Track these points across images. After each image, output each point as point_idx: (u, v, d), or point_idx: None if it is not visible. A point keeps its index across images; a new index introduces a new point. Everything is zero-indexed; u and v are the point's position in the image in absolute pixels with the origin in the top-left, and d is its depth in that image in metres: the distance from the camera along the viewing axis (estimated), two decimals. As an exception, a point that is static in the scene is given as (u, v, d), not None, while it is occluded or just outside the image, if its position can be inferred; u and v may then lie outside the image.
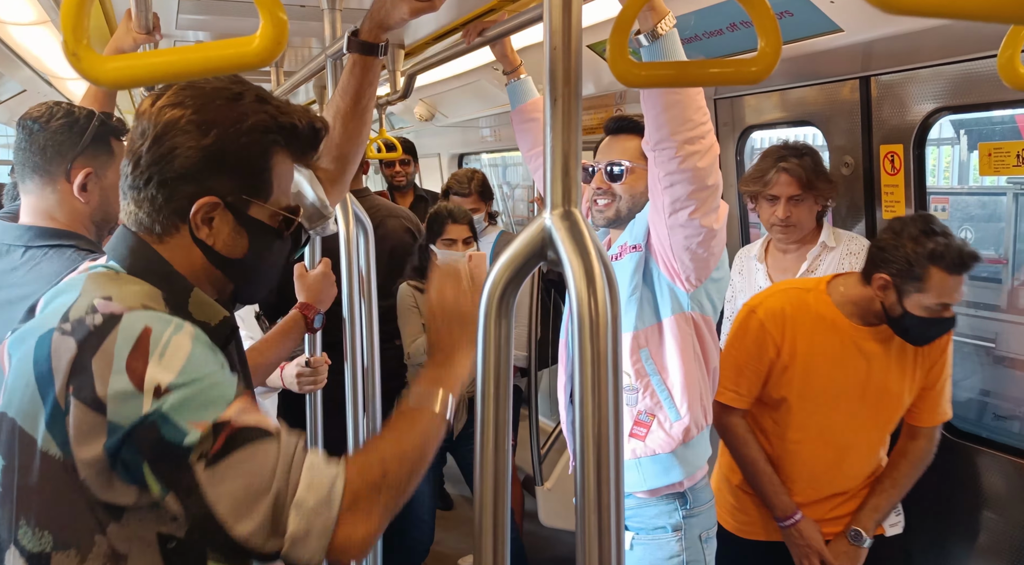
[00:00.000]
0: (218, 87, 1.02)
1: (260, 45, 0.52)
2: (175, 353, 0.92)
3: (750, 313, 2.02)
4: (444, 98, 4.02)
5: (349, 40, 1.39)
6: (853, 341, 1.97)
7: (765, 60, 0.61)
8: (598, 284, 0.75)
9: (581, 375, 0.75)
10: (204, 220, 1.03)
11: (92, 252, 1.60)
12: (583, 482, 0.75)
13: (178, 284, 1.04)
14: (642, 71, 0.63)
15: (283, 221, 1.09)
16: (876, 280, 1.88)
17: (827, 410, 2.01)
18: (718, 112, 2.91)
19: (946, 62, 2.03)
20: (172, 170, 1.00)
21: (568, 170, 0.78)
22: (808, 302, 1.99)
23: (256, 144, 1.02)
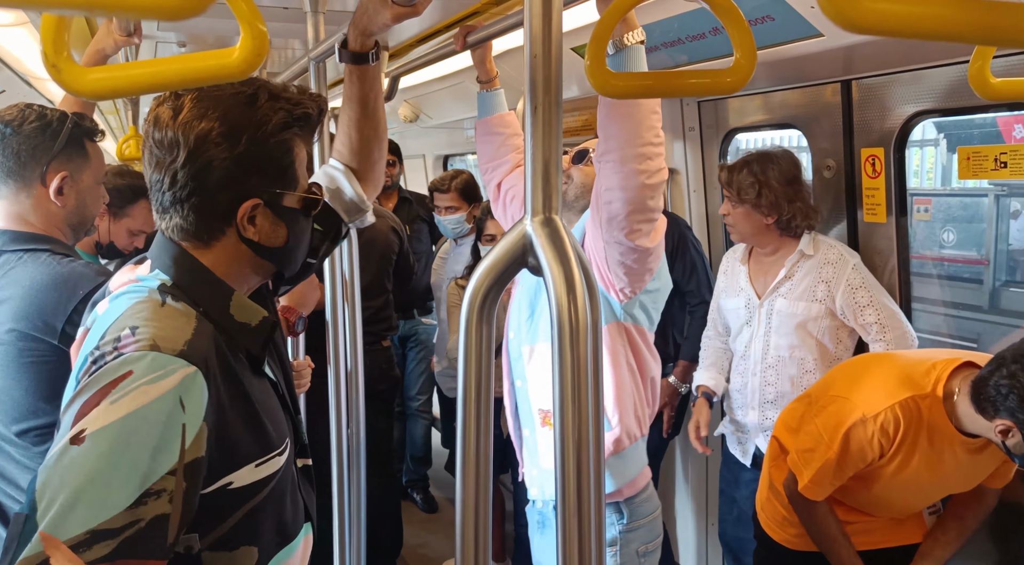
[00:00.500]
0: (234, 93, 1.07)
1: (240, 57, 0.52)
2: (126, 404, 0.93)
3: (863, 424, 1.86)
4: (429, 99, 4.02)
5: (340, 52, 1.41)
6: (952, 447, 1.87)
7: (740, 71, 0.61)
8: (578, 291, 0.76)
9: (561, 382, 0.75)
10: (249, 220, 1.09)
11: (67, 256, 1.60)
12: (564, 491, 0.75)
13: (220, 291, 1.11)
14: (619, 81, 0.64)
15: (311, 202, 1.16)
16: (996, 424, 1.73)
17: (899, 495, 1.97)
18: (702, 115, 2.93)
19: (927, 66, 2.05)
20: (212, 181, 1.06)
21: (548, 177, 0.78)
22: (922, 412, 1.85)
23: (282, 142, 1.09)
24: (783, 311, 2.36)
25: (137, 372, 0.95)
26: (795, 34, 1.85)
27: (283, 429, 1.17)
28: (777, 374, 2.40)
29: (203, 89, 1.07)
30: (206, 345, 1.03)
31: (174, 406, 0.95)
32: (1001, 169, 1.94)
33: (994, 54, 0.76)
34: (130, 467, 0.91)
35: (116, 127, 6.80)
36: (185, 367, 0.98)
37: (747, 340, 2.47)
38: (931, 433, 1.85)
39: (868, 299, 2.25)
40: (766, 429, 2.44)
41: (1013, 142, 6.05)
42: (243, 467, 1.07)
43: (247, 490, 1.08)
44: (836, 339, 2.33)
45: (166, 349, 0.98)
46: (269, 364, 1.20)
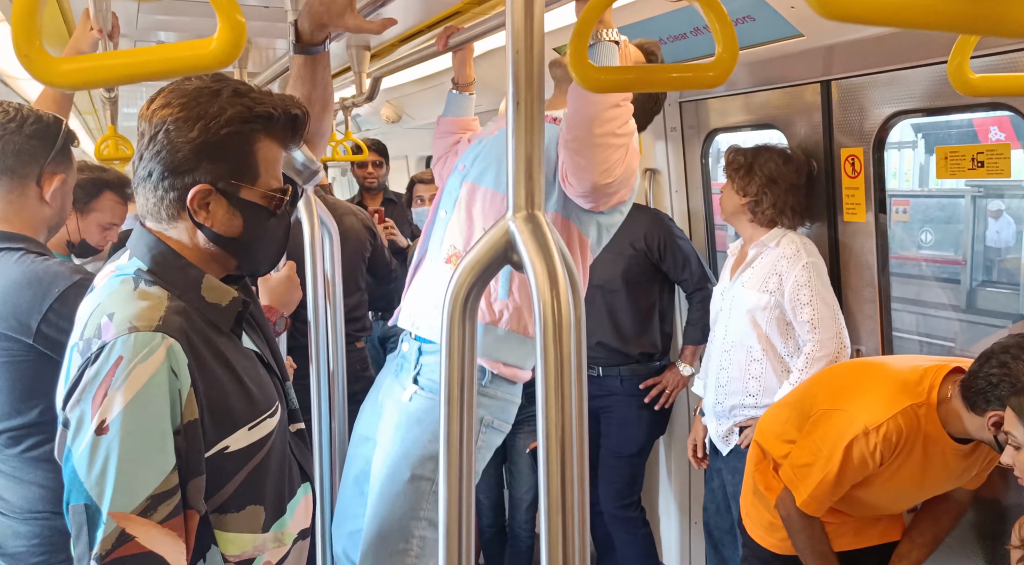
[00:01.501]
0: (200, 86, 1.15)
1: (218, 47, 0.51)
2: (130, 385, 1.06)
3: (866, 436, 1.84)
4: (411, 100, 4.00)
5: (293, 46, 1.46)
6: (944, 454, 1.88)
7: (722, 65, 0.61)
8: (561, 287, 0.76)
9: (545, 378, 0.75)
10: (201, 205, 1.16)
11: (42, 254, 1.59)
12: (548, 487, 0.75)
13: (191, 274, 1.19)
14: (602, 75, 0.64)
15: (274, 200, 1.21)
16: (989, 417, 1.72)
17: (886, 498, 1.98)
18: (683, 115, 2.94)
19: (906, 67, 2.07)
20: (167, 164, 1.14)
21: (531, 173, 0.78)
22: (919, 420, 1.85)
23: (237, 134, 1.14)
24: (739, 298, 2.41)
25: (126, 355, 1.07)
26: (776, 34, 1.86)
27: (271, 394, 1.27)
28: (729, 359, 2.44)
29: (178, 85, 1.16)
30: (180, 320, 1.13)
31: (169, 375, 1.08)
32: (978, 168, 1.96)
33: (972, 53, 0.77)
34: (158, 436, 1.07)
35: (94, 128, 6.73)
36: (165, 339, 1.09)
37: (715, 324, 2.53)
38: (926, 442, 1.86)
39: (808, 298, 2.27)
40: (718, 415, 2.48)
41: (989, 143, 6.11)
42: (237, 431, 1.18)
43: (244, 452, 1.19)
44: (783, 333, 2.34)
45: (144, 327, 1.09)
46: (251, 338, 1.29)
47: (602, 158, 1.51)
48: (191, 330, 1.14)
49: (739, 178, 2.41)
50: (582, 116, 1.51)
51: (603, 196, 1.61)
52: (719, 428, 2.50)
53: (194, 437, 1.11)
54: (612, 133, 1.51)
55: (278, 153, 1.22)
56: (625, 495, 2.85)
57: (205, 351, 1.15)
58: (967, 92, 0.72)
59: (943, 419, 1.84)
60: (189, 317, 1.15)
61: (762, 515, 2.14)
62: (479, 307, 1.74)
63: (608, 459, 2.86)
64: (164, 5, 2.10)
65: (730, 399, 2.44)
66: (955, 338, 6.69)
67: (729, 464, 2.48)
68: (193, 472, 1.12)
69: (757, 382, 2.38)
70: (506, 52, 0.76)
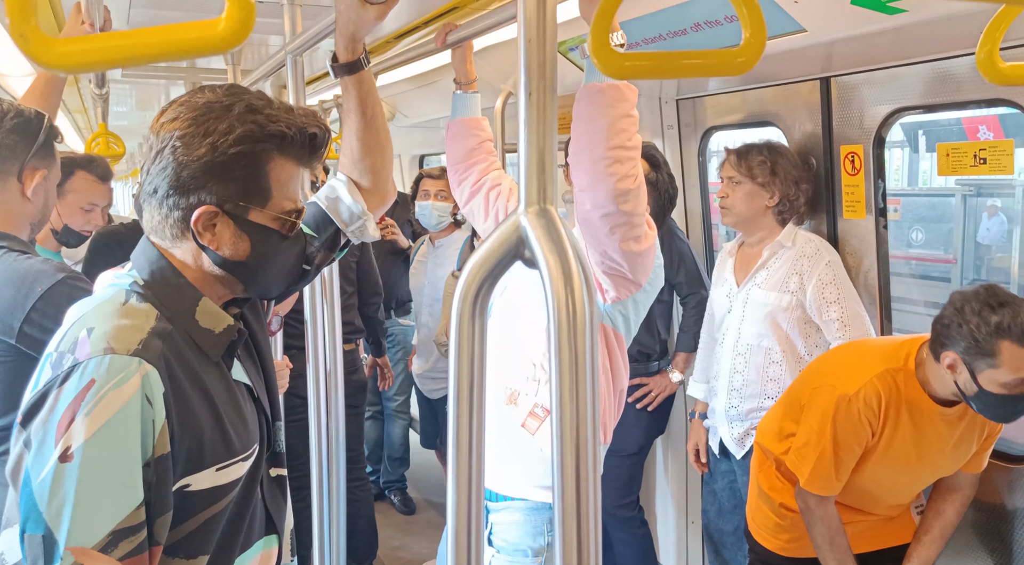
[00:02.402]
0: (211, 100, 1.09)
1: (226, 28, 0.48)
2: (101, 412, 0.98)
3: (847, 402, 1.88)
4: (404, 98, 3.98)
5: (333, 68, 1.41)
6: (933, 422, 1.90)
7: (750, 50, 0.59)
8: (576, 284, 0.73)
9: (560, 377, 0.73)
10: (206, 227, 1.10)
11: (24, 253, 1.56)
12: (562, 489, 0.73)
13: (188, 295, 1.12)
14: (625, 61, 0.61)
15: (287, 223, 1.15)
16: (944, 358, 1.79)
17: (890, 481, 1.97)
18: (680, 113, 2.92)
19: (906, 63, 2.06)
20: (173, 181, 1.07)
21: (544, 166, 0.76)
22: (899, 384, 1.89)
23: (246, 153, 1.08)
24: (756, 300, 2.38)
25: (99, 379, 1.00)
26: (778, 29, 1.84)
27: (250, 435, 1.17)
28: (745, 362, 2.41)
29: (191, 97, 1.10)
30: (161, 345, 1.06)
31: (143, 404, 1.01)
32: (980, 165, 1.95)
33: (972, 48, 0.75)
34: (126, 468, 0.99)
35: (84, 126, 6.68)
36: (142, 365, 1.02)
37: (725, 328, 2.49)
38: (910, 408, 1.88)
39: (835, 296, 2.26)
40: (731, 418, 2.45)
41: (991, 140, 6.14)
42: (203, 470, 1.09)
43: (206, 495, 1.10)
44: (804, 333, 2.34)
45: (121, 350, 1.02)
46: (245, 368, 1.21)
47: (614, 170, 1.47)
48: (173, 356, 1.06)
49: (763, 176, 2.37)
50: (592, 127, 1.46)
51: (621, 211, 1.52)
52: (733, 432, 2.46)
53: (164, 471, 1.03)
54: (622, 145, 1.47)
55: (293, 172, 1.15)
56: (624, 494, 2.83)
57: (185, 380, 1.07)
58: (998, 81, 0.70)
59: (923, 383, 1.88)
60: (173, 342, 1.08)
61: (768, 517, 2.12)
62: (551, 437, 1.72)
63: (607, 458, 2.83)
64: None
65: (746, 403, 2.41)
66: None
67: (744, 465, 2.45)
68: (161, 508, 1.04)
69: (776, 384, 2.35)
70: (509, 45, 0.73)
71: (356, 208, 1.42)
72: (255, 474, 1.19)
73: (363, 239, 1.46)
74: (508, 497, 1.74)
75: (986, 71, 0.69)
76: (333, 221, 1.40)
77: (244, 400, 1.18)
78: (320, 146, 1.16)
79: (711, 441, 2.60)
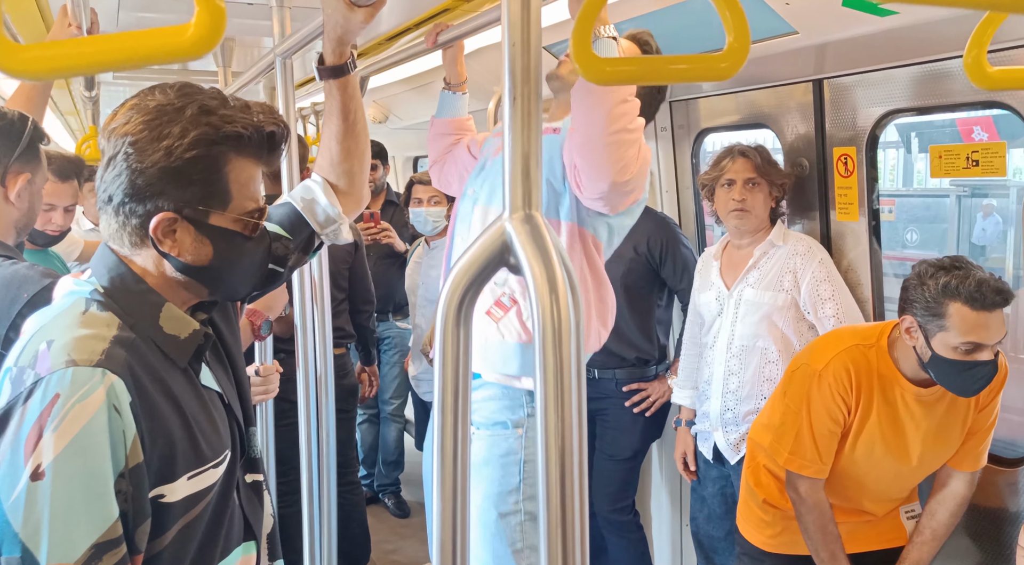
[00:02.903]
0: (162, 103, 1.05)
1: (196, 34, 0.47)
2: (69, 426, 0.96)
3: (817, 377, 1.90)
4: (398, 100, 3.97)
5: (319, 70, 1.40)
6: (906, 401, 1.90)
7: (734, 56, 0.58)
8: (561, 291, 0.72)
9: (544, 385, 0.72)
10: (165, 234, 1.06)
11: (9, 258, 1.54)
12: (548, 498, 0.72)
13: (150, 301, 1.09)
14: (608, 67, 0.60)
15: (249, 224, 1.12)
16: (902, 323, 1.82)
17: (869, 465, 1.96)
18: (673, 115, 2.92)
19: (898, 65, 2.05)
20: (125, 191, 1.05)
21: (529, 172, 0.75)
22: (870, 360, 1.90)
23: (203, 157, 1.05)
24: (750, 300, 2.37)
25: (63, 393, 0.97)
26: (770, 32, 1.84)
27: (221, 441, 1.15)
28: (740, 363, 2.39)
29: (141, 99, 1.06)
30: (125, 354, 1.03)
31: (111, 414, 0.98)
32: (973, 167, 1.95)
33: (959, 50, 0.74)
34: (100, 481, 0.97)
35: (76, 129, 6.65)
36: (107, 376, 0.99)
37: (716, 331, 2.47)
38: (883, 384, 1.90)
39: (830, 293, 2.27)
40: (726, 422, 2.44)
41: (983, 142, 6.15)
42: (176, 479, 1.07)
43: (181, 505, 1.08)
44: (798, 332, 2.34)
45: (83, 361, 0.99)
46: (215, 374, 1.19)
47: (618, 156, 1.48)
48: (138, 364, 1.04)
49: (779, 177, 2.38)
50: (592, 116, 1.47)
51: (620, 195, 1.57)
52: (728, 437, 2.44)
53: (140, 481, 1.01)
54: (624, 129, 1.48)
55: (253, 172, 1.12)
56: (619, 499, 2.82)
57: (152, 388, 1.05)
58: (985, 86, 0.69)
59: (896, 361, 1.90)
60: (137, 350, 1.05)
61: (753, 512, 2.13)
62: (514, 328, 1.70)
63: (602, 462, 2.83)
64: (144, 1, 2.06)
65: (743, 405, 2.39)
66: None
67: (738, 470, 2.43)
68: (140, 517, 1.02)
69: (772, 384, 2.34)
70: (501, 46, 0.72)
71: (332, 211, 1.40)
72: (229, 480, 1.17)
73: (336, 242, 1.45)
74: (478, 375, 1.74)
75: (974, 76, 0.69)
76: (308, 223, 1.39)
77: (214, 406, 1.16)
78: (279, 144, 1.13)
79: (702, 447, 2.57)
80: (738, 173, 2.37)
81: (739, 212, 2.37)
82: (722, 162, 2.42)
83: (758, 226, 2.40)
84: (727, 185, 2.39)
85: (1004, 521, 2.07)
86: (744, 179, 2.36)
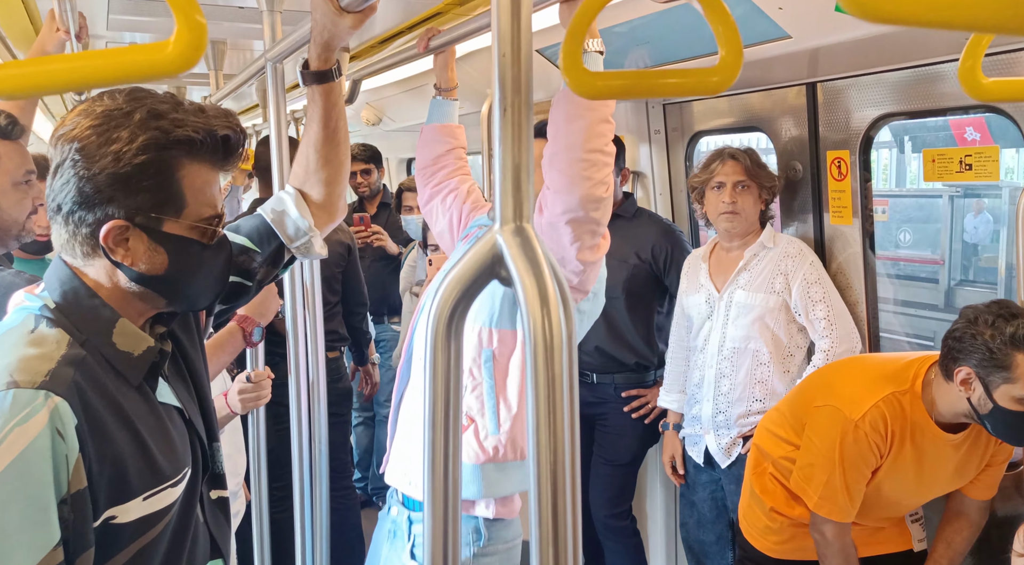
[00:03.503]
0: (109, 109, 1.02)
1: (175, 51, 0.46)
2: (7, 450, 0.92)
3: (853, 427, 1.82)
4: (391, 102, 3.95)
5: (303, 74, 1.37)
6: (936, 446, 1.85)
7: (726, 70, 0.58)
8: (552, 304, 0.71)
9: (536, 400, 0.71)
10: (117, 242, 1.03)
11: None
12: (539, 515, 0.71)
13: (103, 317, 1.06)
14: (599, 81, 0.60)
15: (207, 231, 1.09)
16: (957, 374, 1.72)
17: (890, 497, 1.94)
18: (667, 118, 2.91)
19: (892, 69, 2.05)
20: (74, 199, 1.01)
21: (519, 183, 0.74)
22: (904, 407, 1.83)
23: (153, 163, 1.02)
24: (741, 302, 2.37)
25: (2, 416, 0.94)
26: (763, 36, 1.83)
27: (179, 459, 1.12)
28: (732, 365, 2.39)
29: (89, 105, 1.03)
30: (72, 373, 0.99)
31: (54, 438, 0.95)
32: (966, 171, 1.95)
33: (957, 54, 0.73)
34: (38, 507, 0.93)
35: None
36: (50, 398, 0.96)
37: (706, 334, 2.46)
38: (914, 431, 1.84)
39: (821, 295, 2.28)
40: (718, 425, 2.43)
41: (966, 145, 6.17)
42: (130, 500, 1.03)
43: (135, 526, 1.04)
44: (788, 334, 2.34)
45: (25, 383, 0.96)
46: (174, 389, 1.16)
47: (591, 172, 1.44)
48: (87, 384, 1.00)
49: (769, 180, 2.38)
50: (572, 128, 1.44)
51: (589, 217, 1.49)
52: (720, 440, 2.43)
53: (82, 507, 0.97)
54: (600, 149, 1.45)
55: (210, 177, 1.09)
56: (616, 504, 2.81)
57: (102, 408, 1.01)
58: (979, 97, 0.69)
59: (928, 405, 1.83)
60: (87, 368, 1.01)
61: (758, 517, 2.12)
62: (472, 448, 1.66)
63: (600, 467, 2.82)
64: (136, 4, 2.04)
65: (735, 407, 2.39)
66: (933, 337, 6.74)
67: (730, 474, 2.43)
68: (82, 545, 0.98)
69: (764, 386, 2.35)
70: (491, 55, 0.72)
71: (303, 223, 1.37)
72: (191, 499, 1.14)
73: (308, 257, 1.41)
74: (417, 505, 1.68)
75: (968, 86, 0.68)
76: (278, 235, 1.35)
77: (172, 423, 1.13)
78: (235, 148, 1.10)
79: (691, 451, 2.56)
80: (728, 176, 2.38)
81: (730, 215, 2.38)
82: (712, 165, 2.41)
83: (748, 228, 2.40)
84: (717, 188, 2.40)
85: (1000, 526, 2.07)
86: (734, 181, 2.37)
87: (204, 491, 1.19)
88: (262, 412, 2.10)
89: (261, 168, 2.87)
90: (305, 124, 1.42)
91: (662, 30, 2.02)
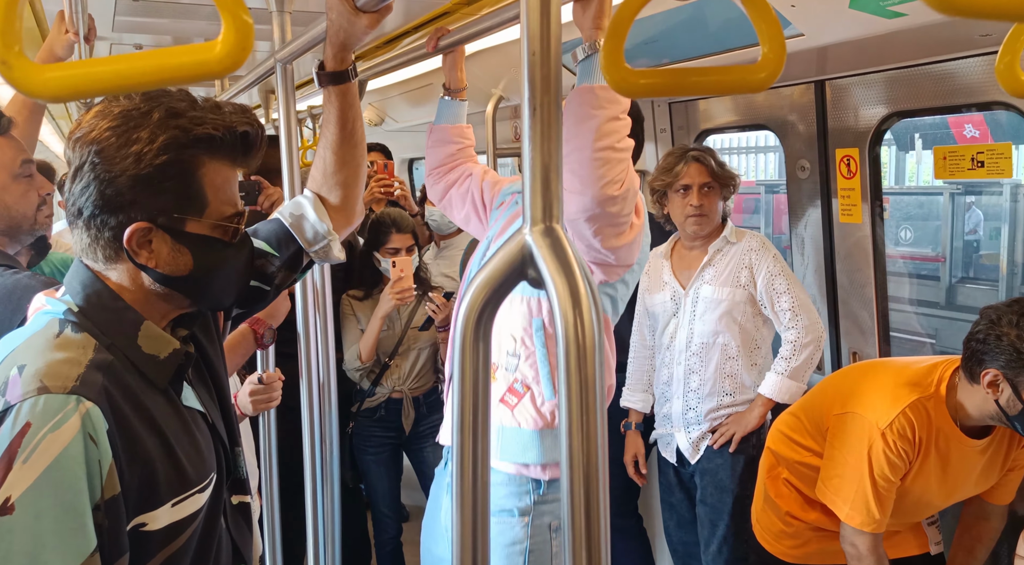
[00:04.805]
0: (126, 109, 1.00)
1: (223, 51, 0.45)
2: (40, 458, 0.91)
3: (881, 436, 1.80)
4: (393, 102, 3.94)
5: (319, 76, 1.36)
6: (962, 451, 1.84)
7: (770, 66, 0.57)
8: (584, 305, 0.70)
9: (568, 401, 0.70)
10: (140, 245, 1.02)
11: (10, 267, 1.49)
12: (572, 515, 0.70)
13: (127, 319, 1.04)
14: (640, 79, 0.59)
15: (229, 229, 1.07)
16: (984, 376, 1.70)
17: (914, 502, 1.93)
18: (673, 116, 2.91)
19: (901, 66, 2.04)
20: (95, 203, 1.00)
21: (549, 184, 0.73)
22: (930, 414, 1.82)
23: (174, 163, 1.00)
24: (708, 297, 2.37)
25: (35, 423, 0.92)
26: (773, 33, 1.82)
27: (206, 464, 1.11)
28: (701, 361, 2.39)
29: (106, 106, 1.02)
30: (102, 378, 0.98)
31: (87, 444, 0.94)
32: (978, 168, 1.94)
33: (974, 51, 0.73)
34: (74, 514, 0.92)
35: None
36: (81, 403, 0.94)
37: (672, 331, 2.46)
38: (939, 437, 1.83)
39: (785, 286, 2.29)
40: (688, 422, 2.43)
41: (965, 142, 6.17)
42: (158, 507, 1.02)
43: (164, 533, 1.03)
44: (755, 326, 2.36)
45: (56, 389, 0.94)
46: (197, 393, 1.15)
47: (603, 172, 1.44)
48: (116, 389, 0.99)
49: (724, 180, 2.39)
50: (581, 129, 1.43)
51: (608, 219, 1.50)
52: (690, 436, 2.43)
53: (116, 513, 0.96)
54: (611, 147, 1.44)
55: (229, 175, 1.07)
56: (622, 503, 2.81)
57: (131, 413, 1.00)
58: (1018, 93, 0.68)
59: (952, 410, 1.81)
60: (115, 373, 1.00)
61: (772, 522, 2.11)
62: (529, 414, 1.68)
63: (606, 467, 2.81)
64: (143, 5, 2.03)
65: (705, 403, 2.39)
66: (935, 334, 6.75)
67: (701, 469, 2.42)
68: (117, 551, 0.97)
69: (732, 380, 2.36)
70: (496, 55, 0.71)
71: (321, 227, 1.36)
72: (216, 504, 1.13)
73: (327, 261, 1.40)
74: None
75: (1005, 82, 0.67)
76: (296, 239, 1.35)
77: (197, 427, 1.12)
78: (253, 144, 1.08)
79: (664, 452, 2.55)
80: (694, 178, 2.38)
81: (697, 217, 2.38)
82: (675, 168, 2.40)
83: (713, 228, 2.42)
84: (683, 190, 2.40)
85: (1003, 530, 2.07)
86: (700, 184, 2.38)
87: (226, 496, 1.18)
88: (273, 414, 2.10)
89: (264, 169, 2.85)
90: (322, 126, 1.41)
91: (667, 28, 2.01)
